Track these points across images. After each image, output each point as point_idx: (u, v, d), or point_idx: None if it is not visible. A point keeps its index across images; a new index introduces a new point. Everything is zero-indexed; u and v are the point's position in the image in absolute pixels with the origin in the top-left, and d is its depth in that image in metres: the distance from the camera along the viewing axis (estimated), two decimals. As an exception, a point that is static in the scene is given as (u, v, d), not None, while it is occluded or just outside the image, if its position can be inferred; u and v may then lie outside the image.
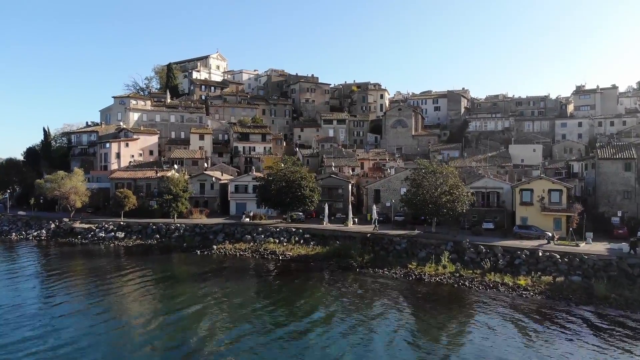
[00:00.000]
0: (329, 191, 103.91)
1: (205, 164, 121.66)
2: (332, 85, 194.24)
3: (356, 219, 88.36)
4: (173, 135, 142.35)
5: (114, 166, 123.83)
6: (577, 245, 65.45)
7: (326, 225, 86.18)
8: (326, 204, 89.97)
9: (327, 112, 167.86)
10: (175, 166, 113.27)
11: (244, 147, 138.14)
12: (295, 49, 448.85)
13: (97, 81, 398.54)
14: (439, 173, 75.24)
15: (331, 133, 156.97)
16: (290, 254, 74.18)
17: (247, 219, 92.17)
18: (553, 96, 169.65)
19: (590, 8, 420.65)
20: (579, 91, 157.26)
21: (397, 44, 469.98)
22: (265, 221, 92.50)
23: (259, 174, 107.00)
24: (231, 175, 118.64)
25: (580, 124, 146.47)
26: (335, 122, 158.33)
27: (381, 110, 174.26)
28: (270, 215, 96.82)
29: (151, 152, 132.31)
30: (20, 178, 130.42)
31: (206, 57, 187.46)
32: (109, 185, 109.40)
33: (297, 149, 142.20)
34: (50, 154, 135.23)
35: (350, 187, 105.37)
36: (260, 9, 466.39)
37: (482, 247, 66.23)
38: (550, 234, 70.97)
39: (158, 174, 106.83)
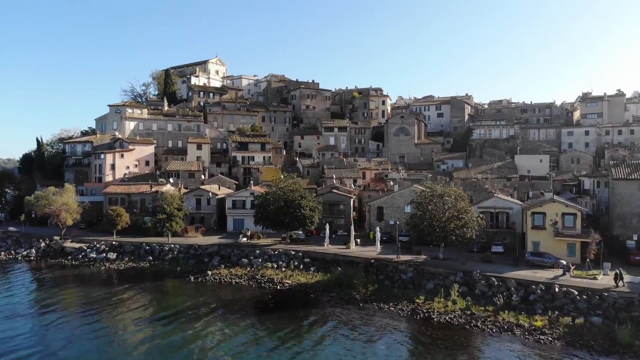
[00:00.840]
0: (330, 207, 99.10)
1: (203, 176, 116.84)
2: (333, 90, 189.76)
3: (359, 240, 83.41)
4: (170, 144, 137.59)
5: (109, 178, 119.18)
6: (594, 278, 60.63)
7: (327, 246, 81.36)
8: (327, 224, 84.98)
9: (328, 118, 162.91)
10: (171, 180, 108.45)
11: (242, 157, 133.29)
12: (295, 54, 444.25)
13: (95, 85, 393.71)
14: (447, 196, 70.28)
15: (332, 141, 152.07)
16: (289, 282, 69.24)
17: (245, 239, 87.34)
18: (558, 101, 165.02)
19: (596, 14, 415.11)
20: (586, 98, 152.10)
21: (399, 48, 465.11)
22: (264, 241, 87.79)
23: (257, 189, 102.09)
24: (229, 187, 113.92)
25: (587, 133, 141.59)
26: (336, 129, 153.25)
27: (383, 116, 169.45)
28: (269, 233, 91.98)
29: (147, 163, 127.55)
30: (14, 189, 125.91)
31: (205, 62, 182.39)
32: (103, 199, 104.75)
33: (297, 158, 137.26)
34: (44, 165, 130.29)
35: (352, 202, 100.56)
36: (260, 14, 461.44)
37: (493, 279, 61.38)
38: (564, 262, 66.26)
39: (153, 189, 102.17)
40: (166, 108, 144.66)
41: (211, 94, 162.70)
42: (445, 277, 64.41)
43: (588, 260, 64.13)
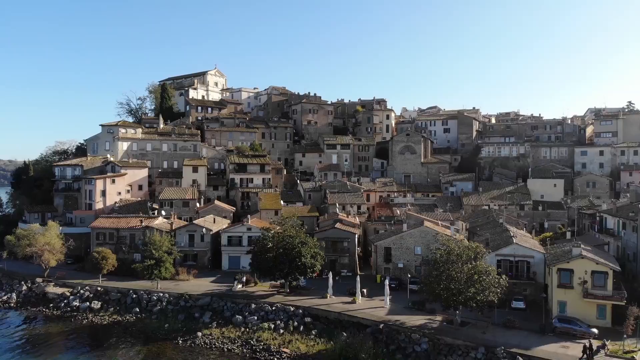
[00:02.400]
0: (333, 244, 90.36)
1: (198, 204, 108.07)
2: (335, 101, 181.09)
3: (365, 290, 74.55)
4: (165, 164, 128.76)
5: (99, 205, 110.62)
6: (633, 358, 51.98)
7: (330, 298, 72.68)
8: (330, 274, 75.92)
9: (331, 134, 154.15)
10: (163, 212, 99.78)
11: (241, 179, 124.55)
12: (297, 65, 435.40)
13: (93, 94, 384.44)
14: (466, 257, 61.35)
15: (335, 159, 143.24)
16: (287, 351, 60.36)
17: (240, 286, 78.57)
18: (567, 114, 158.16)
19: (607, 29, 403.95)
20: (600, 116, 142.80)
21: (403, 58, 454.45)
22: (260, 287, 79.15)
23: (255, 222, 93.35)
24: (226, 217, 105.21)
25: (601, 153, 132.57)
26: (339, 147, 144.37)
27: (387, 131, 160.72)
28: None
29: (140, 187, 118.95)
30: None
31: (204, 74, 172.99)
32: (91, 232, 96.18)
33: (298, 180, 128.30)
34: (32, 191, 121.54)
35: (356, 238, 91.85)
36: (261, 25, 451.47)
37: (520, 358, 52.74)
38: (595, 332, 57.73)
39: (143, 223, 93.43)
40: (162, 126, 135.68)
41: (209, 109, 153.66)
42: (464, 352, 55.60)
43: (625, 336, 55.40)
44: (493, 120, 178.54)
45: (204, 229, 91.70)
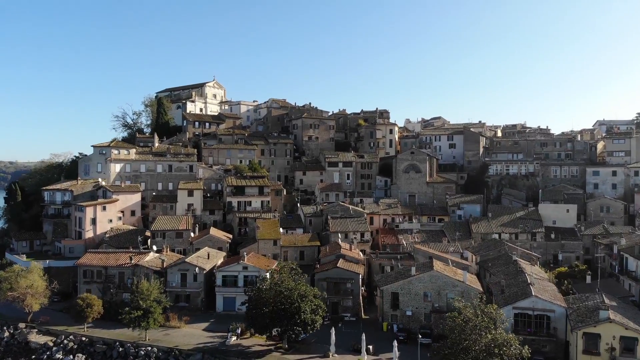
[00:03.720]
0: (335, 285, 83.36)
1: (192, 233, 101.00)
2: (337, 111, 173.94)
3: (371, 347, 67.51)
4: (160, 186, 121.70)
5: (89, 234, 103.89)
6: None
7: (333, 357, 65.74)
8: (332, 330, 68.68)
9: (332, 149, 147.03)
10: (154, 247, 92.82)
11: (238, 202, 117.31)
12: (297, 75, 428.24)
13: (90, 106, 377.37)
14: (484, 326, 54.32)
15: (336, 177, 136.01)
16: None
17: (234, 338, 71.59)
18: (575, 127, 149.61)
19: (617, 41, 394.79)
20: (611, 134, 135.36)
21: (406, 68, 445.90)
22: (256, 340, 72.14)
23: (251, 260, 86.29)
24: (221, 247, 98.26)
25: (614, 173, 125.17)
26: (340, 164, 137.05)
27: (390, 146, 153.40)
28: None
29: (133, 213, 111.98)
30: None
31: (202, 85, 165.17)
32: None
33: (298, 204, 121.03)
34: (21, 217, 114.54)
35: (360, 278, 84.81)
36: (260, 35, 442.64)
37: None
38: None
39: (133, 260, 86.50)
40: (157, 144, 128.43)
41: (207, 124, 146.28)
42: None
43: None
44: (499, 133, 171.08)
45: (196, 268, 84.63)
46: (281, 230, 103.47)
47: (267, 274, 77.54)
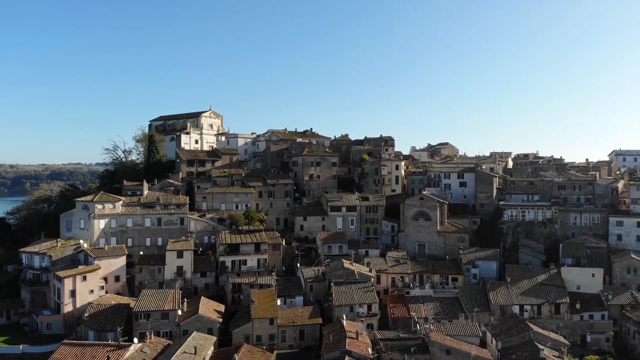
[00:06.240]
0: (340, 391, 71.18)
1: (180, 311, 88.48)
2: (339, 136, 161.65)
3: None
4: (148, 241, 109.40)
5: (68, 308, 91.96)
6: None
7: None
8: None
9: (334, 188, 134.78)
10: (135, 340, 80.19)
11: (232, 262, 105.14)
12: (298, 99, 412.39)
13: (88, 113, 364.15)
14: None
15: (339, 223, 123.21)
16: None
17: None
18: (590, 156, 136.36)
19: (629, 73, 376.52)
20: (635, 178, 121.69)
21: (411, 93, 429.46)
22: None
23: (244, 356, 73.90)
24: (211, 328, 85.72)
25: (639, 225, 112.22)
26: (344, 209, 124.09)
27: (397, 182, 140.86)
28: None
29: (117, 278, 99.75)
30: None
31: (198, 115, 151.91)
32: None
33: (298, 264, 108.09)
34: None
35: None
36: (259, 64, 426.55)
37: None
38: None
39: (111, 359, 74.18)
40: (145, 192, 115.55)
41: (202, 162, 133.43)
42: None
43: None
44: (510, 163, 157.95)
45: (182, 370, 72.24)
46: (278, 301, 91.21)
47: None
